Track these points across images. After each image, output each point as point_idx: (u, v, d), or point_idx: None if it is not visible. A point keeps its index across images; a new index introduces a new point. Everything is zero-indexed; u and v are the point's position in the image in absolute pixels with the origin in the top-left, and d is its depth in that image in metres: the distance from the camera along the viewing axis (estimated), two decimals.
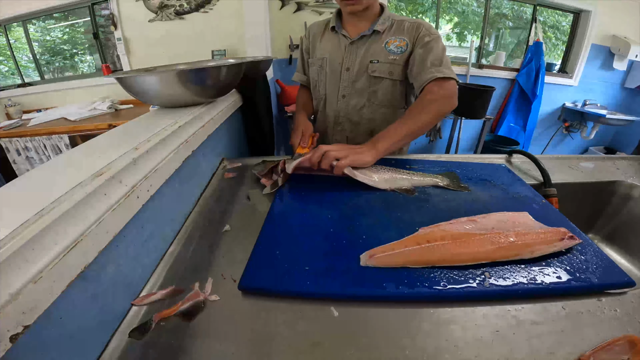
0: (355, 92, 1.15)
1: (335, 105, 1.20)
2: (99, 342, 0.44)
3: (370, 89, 1.13)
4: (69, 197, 0.40)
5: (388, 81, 1.10)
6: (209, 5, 2.76)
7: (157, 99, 0.86)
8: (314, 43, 1.23)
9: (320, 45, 1.20)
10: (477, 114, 2.85)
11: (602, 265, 0.54)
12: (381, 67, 1.08)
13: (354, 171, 0.80)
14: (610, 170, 0.98)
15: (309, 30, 1.25)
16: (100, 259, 0.43)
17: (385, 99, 1.13)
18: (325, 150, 0.80)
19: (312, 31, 1.24)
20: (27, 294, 0.31)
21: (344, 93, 1.16)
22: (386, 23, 1.08)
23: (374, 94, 1.13)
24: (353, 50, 1.11)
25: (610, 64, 3.38)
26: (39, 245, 0.34)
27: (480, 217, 0.65)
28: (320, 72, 1.20)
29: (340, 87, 1.16)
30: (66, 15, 3.04)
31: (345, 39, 1.12)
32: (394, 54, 1.06)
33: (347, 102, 1.17)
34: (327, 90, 1.20)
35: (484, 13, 3.31)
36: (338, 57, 1.14)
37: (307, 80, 1.33)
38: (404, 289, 0.50)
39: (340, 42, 1.14)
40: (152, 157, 0.60)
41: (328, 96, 1.21)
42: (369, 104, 1.15)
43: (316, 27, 1.24)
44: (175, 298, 0.52)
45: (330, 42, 1.16)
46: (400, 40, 1.06)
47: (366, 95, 1.14)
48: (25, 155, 2.43)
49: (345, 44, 1.12)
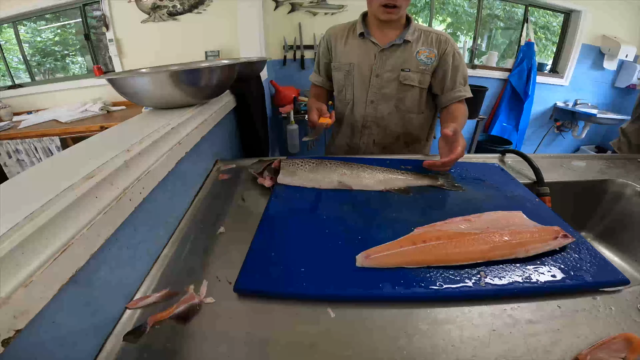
0: (383, 98, 1.18)
1: (363, 110, 1.22)
2: (93, 346, 0.43)
3: (399, 95, 1.17)
4: (59, 200, 0.39)
5: (417, 89, 1.16)
6: (202, 6, 2.75)
7: (149, 100, 0.85)
8: (336, 47, 1.23)
9: (345, 50, 1.20)
10: (470, 114, 2.86)
11: (596, 263, 0.54)
12: (412, 76, 1.14)
13: (345, 183, 0.81)
14: (602, 169, 0.99)
15: (329, 33, 1.25)
16: (93, 262, 0.42)
17: (412, 105, 1.19)
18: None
19: (332, 34, 1.24)
20: (18, 298, 0.31)
21: (372, 99, 1.19)
22: (415, 33, 1.12)
23: (402, 101, 1.18)
24: (383, 58, 1.14)
25: (600, 63, 3.42)
26: (29, 248, 0.34)
27: (474, 216, 0.65)
28: (347, 77, 1.22)
29: (369, 93, 1.19)
30: (57, 16, 3.00)
31: (375, 46, 1.14)
32: (424, 64, 1.13)
33: (375, 107, 1.20)
34: (355, 95, 1.22)
35: (476, 14, 3.33)
36: (367, 64, 1.16)
37: (322, 81, 1.35)
38: (400, 289, 0.50)
39: (369, 49, 1.15)
40: (145, 159, 0.59)
41: (356, 101, 1.23)
42: (397, 110, 1.20)
43: (337, 30, 1.24)
44: (169, 301, 0.51)
45: (359, 48, 1.17)
46: (429, 51, 1.12)
47: (394, 102, 1.18)
48: (16, 157, 2.40)
49: (376, 51, 1.14)
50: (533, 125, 3.65)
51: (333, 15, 2.86)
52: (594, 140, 3.90)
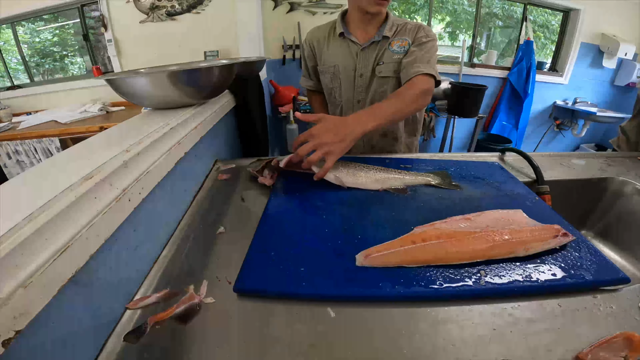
0: (369, 96, 1.18)
1: (352, 110, 1.21)
2: (93, 346, 0.43)
3: (379, 89, 1.15)
4: (58, 201, 0.39)
5: (394, 80, 1.13)
6: (200, 6, 2.75)
7: (148, 100, 0.85)
8: (320, 49, 1.22)
9: (329, 52, 1.19)
10: (470, 112, 2.87)
11: (597, 262, 0.54)
12: (387, 67, 1.12)
13: (341, 179, 0.80)
14: (602, 167, 0.99)
15: (311, 36, 1.24)
16: (92, 263, 0.42)
17: None
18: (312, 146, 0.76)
19: (314, 36, 1.23)
20: (17, 299, 0.31)
21: (359, 98, 1.19)
22: (393, 28, 1.11)
23: (384, 94, 1.16)
24: (364, 56, 1.13)
25: (599, 62, 3.43)
26: (28, 249, 0.34)
27: (474, 215, 0.65)
28: (334, 80, 1.21)
29: (355, 93, 1.19)
30: (55, 16, 3.00)
31: (355, 45, 1.13)
32: (397, 54, 1.10)
33: (362, 106, 1.19)
34: (343, 97, 1.22)
35: (475, 12, 3.33)
36: (351, 64, 1.15)
37: (313, 85, 1.34)
38: (400, 288, 0.50)
39: (351, 48, 1.14)
40: (144, 160, 0.59)
41: (344, 102, 1.23)
42: None
43: (318, 32, 1.22)
44: (170, 301, 0.51)
45: (340, 49, 1.16)
46: (402, 40, 1.10)
47: (377, 97, 1.16)
48: (16, 158, 2.39)
49: (357, 50, 1.13)
50: (533, 123, 3.66)
51: (332, 14, 2.85)
52: (593, 138, 3.90)
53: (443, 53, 3.65)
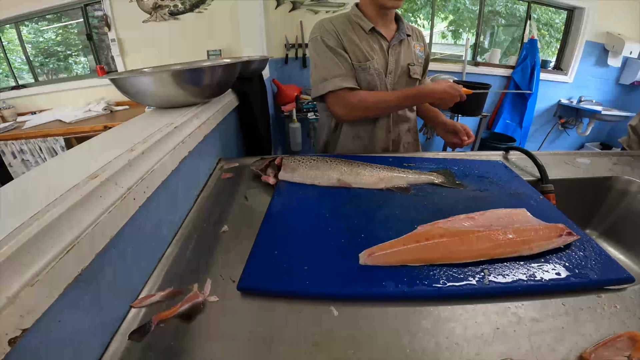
0: None
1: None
2: (98, 344, 0.43)
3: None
4: (64, 200, 0.40)
5: (417, 82, 1.18)
6: (203, 5, 2.75)
7: (152, 99, 0.85)
8: (351, 43, 1.06)
9: (363, 46, 1.06)
10: (473, 111, 2.85)
11: (601, 261, 0.54)
12: (417, 69, 1.15)
13: (345, 180, 0.81)
14: (607, 166, 0.98)
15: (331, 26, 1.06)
16: (97, 261, 0.42)
17: None
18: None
19: (338, 30, 1.06)
20: (24, 298, 0.31)
21: None
22: (408, 28, 1.15)
23: None
24: (392, 53, 1.11)
25: (604, 60, 3.40)
26: (35, 248, 0.34)
27: (478, 214, 0.65)
28: (379, 77, 1.09)
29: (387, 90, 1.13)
30: (59, 16, 3.01)
31: (385, 41, 1.10)
32: (420, 58, 1.18)
33: None
34: None
35: (478, 10, 3.31)
36: (382, 61, 1.10)
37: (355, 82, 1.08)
38: (403, 287, 0.50)
39: (380, 44, 1.10)
40: (148, 159, 0.60)
41: None
42: None
43: (340, 24, 1.07)
44: (174, 299, 0.51)
45: (371, 44, 1.08)
46: (420, 45, 1.18)
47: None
48: (21, 158, 2.41)
49: (386, 46, 1.10)
50: (537, 122, 3.63)
51: (334, 13, 2.85)
52: (598, 137, 3.87)
53: (446, 51, 3.64)
